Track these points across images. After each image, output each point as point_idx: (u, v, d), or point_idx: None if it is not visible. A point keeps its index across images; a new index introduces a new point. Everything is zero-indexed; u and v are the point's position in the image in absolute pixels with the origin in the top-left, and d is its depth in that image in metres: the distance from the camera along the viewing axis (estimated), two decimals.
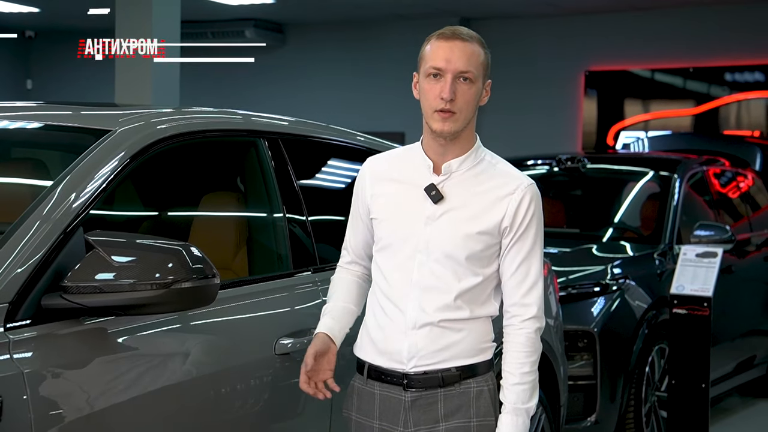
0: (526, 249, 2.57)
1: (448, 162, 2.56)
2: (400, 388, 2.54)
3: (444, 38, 2.52)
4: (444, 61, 2.49)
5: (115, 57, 8.39)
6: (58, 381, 2.33)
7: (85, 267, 2.35)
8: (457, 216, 2.53)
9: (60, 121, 3.06)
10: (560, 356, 4.15)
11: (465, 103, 2.50)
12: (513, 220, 2.54)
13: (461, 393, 2.54)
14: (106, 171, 2.64)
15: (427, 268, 2.52)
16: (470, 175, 2.57)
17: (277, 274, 3.13)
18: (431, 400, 2.54)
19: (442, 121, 2.49)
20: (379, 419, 2.56)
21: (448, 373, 2.53)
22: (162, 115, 3.02)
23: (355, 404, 2.61)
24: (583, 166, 6.50)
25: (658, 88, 11.72)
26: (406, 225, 2.54)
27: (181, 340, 2.68)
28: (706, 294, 5.17)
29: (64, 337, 2.38)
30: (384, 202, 2.59)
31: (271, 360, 2.85)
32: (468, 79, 2.51)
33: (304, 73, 13.30)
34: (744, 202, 7.19)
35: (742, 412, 6.68)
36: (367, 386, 2.59)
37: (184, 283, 2.36)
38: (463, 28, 2.56)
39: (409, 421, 2.54)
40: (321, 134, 3.59)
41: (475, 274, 2.54)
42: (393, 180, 2.60)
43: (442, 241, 2.52)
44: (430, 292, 2.52)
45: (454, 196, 2.54)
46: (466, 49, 2.51)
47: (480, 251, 2.53)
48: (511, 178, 2.58)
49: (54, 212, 2.48)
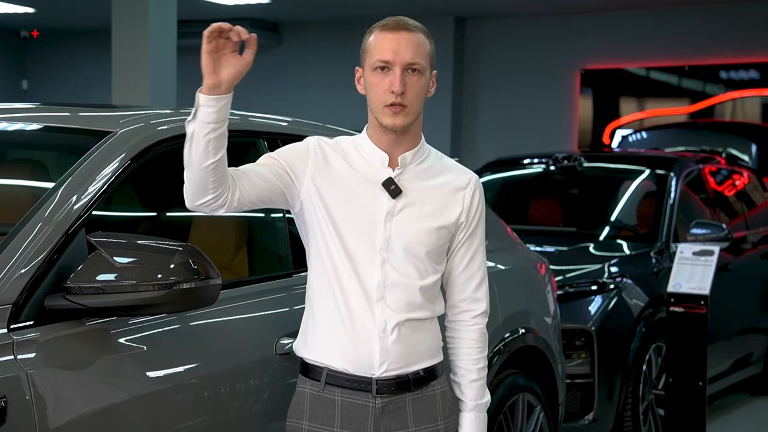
0: (476, 243, 2.56)
1: (403, 155, 2.48)
2: (368, 395, 2.44)
3: (389, 29, 2.45)
4: (391, 53, 2.41)
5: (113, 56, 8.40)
6: (62, 381, 2.34)
7: (87, 268, 2.36)
8: (416, 211, 2.46)
9: (60, 122, 3.07)
10: (558, 355, 4.17)
11: (415, 95, 2.42)
12: (467, 215, 2.52)
13: (428, 396, 2.51)
14: (108, 172, 2.65)
15: (390, 265, 2.44)
16: (422, 168, 2.51)
17: (278, 274, 3.14)
18: (400, 405, 2.47)
19: (394, 115, 2.41)
20: (341, 427, 2.45)
21: (417, 376, 2.49)
22: (163, 116, 3.03)
23: (308, 413, 2.48)
24: (580, 164, 6.51)
25: (654, 86, 11.75)
26: (365, 222, 2.44)
27: (182, 340, 2.69)
28: (703, 292, 5.18)
29: (67, 337, 2.39)
30: (338, 196, 2.45)
31: (271, 360, 2.86)
32: (417, 70, 2.42)
33: (301, 72, 13.30)
34: (740, 199, 7.21)
35: (739, 409, 6.70)
36: (325, 392, 2.47)
37: (186, 283, 2.37)
38: (407, 18, 2.48)
39: (380, 428, 2.46)
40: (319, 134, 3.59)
41: (435, 271, 2.50)
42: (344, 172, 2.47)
43: (403, 236, 2.44)
44: (395, 289, 2.44)
45: (411, 190, 2.47)
46: (413, 40, 2.43)
47: (439, 247, 2.49)
48: (460, 172, 2.55)
49: (56, 214, 2.49)
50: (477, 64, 12.50)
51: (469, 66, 12.54)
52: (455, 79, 12.37)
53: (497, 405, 3.65)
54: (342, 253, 2.44)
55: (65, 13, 13.15)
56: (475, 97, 12.51)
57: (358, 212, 2.45)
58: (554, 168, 6.60)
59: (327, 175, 2.47)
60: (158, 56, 8.20)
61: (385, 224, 2.44)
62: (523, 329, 3.89)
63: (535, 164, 6.83)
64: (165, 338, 2.63)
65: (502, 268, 3.98)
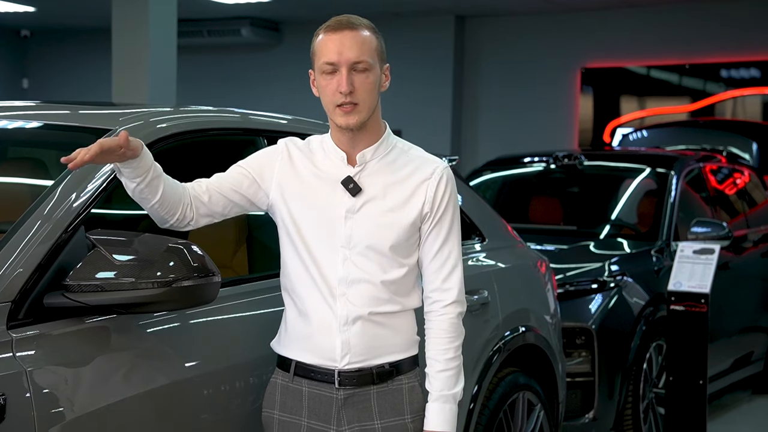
0: (444, 232, 2.54)
1: (362, 152, 2.51)
2: (332, 386, 2.50)
3: (332, 30, 2.46)
4: (336, 54, 2.44)
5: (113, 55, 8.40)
6: (61, 379, 2.34)
7: (86, 266, 2.36)
8: (378, 207, 2.49)
9: (60, 120, 3.07)
10: (558, 353, 4.17)
11: (365, 92, 2.45)
12: (432, 205, 2.52)
13: (394, 390, 2.53)
14: (107, 170, 2.65)
15: (351, 262, 2.48)
16: (384, 163, 2.53)
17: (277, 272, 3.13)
18: (364, 398, 2.51)
19: (345, 115, 2.45)
20: (308, 417, 2.52)
21: (381, 369, 2.51)
22: (162, 114, 3.03)
23: (279, 402, 2.56)
24: (580, 163, 6.51)
25: (654, 84, 11.74)
26: (325, 220, 2.49)
27: (181, 338, 2.69)
28: (703, 290, 5.18)
29: (66, 335, 2.39)
30: (297, 197, 2.52)
31: (270, 358, 2.85)
32: (363, 68, 2.45)
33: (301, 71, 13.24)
34: (740, 198, 7.21)
35: (740, 408, 6.70)
36: (294, 383, 2.54)
37: (185, 281, 2.37)
38: (351, 16, 2.49)
39: (343, 419, 2.51)
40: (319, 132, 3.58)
41: (401, 265, 2.52)
42: (307, 172, 2.54)
43: (364, 233, 2.48)
44: (357, 285, 2.48)
45: (371, 186, 2.50)
46: (357, 38, 2.44)
47: (404, 241, 2.51)
48: (425, 163, 2.55)
49: (55, 211, 2.49)
50: (477, 63, 12.50)
51: (469, 64, 12.54)
52: (455, 78, 12.37)
53: (497, 403, 3.65)
54: (305, 251, 2.51)
55: (66, 12, 13.15)
56: (476, 96, 12.50)
57: (319, 211, 2.50)
58: (555, 166, 6.60)
59: (291, 177, 2.54)
60: (158, 55, 8.19)
61: (346, 222, 2.48)
62: (524, 327, 3.89)
63: (535, 163, 6.83)
64: (164, 336, 2.63)
65: (502, 267, 3.97)
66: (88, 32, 14.10)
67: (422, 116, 12.15)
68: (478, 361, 3.59)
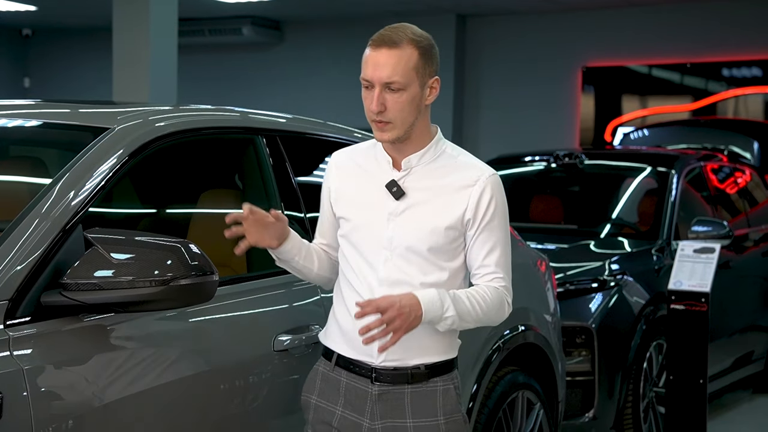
0: (492, 240, 2.56)
1: (408, 157, 2.57)
2: (368, 381, 2.57)
3: (373, 46, 2.49)
4: (371, 71, 2.48)
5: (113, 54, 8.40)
6: (58, 377, 2.34)
7: (84, 264, 2.36)
8: (420, 211, 2.54)
9: (58, 119, 3.06)
10: (558, 352, 4.16)
11: (397, 111, 2.48)
12: (475, 212, 2.54)
13: (428, 391, 2.57)
14: (105, 168, 2.64)
15: (392, 263, 2.54)
16: (431, 168, 2.57)
17: (276, 271, 3.13)
18: (398, 395, 2.56)
19: (380, 131, 2.51)
20: (343, 407, 2.60)
21: (416, 370, 2.56)
22: (160, 112, 3.02)
23: (318, 388, 2.64)
24: (581, 162, 6.51)
25: (656, 83, 11.73)
26: (369, 222, 2.56)
27: (180, 336, 2.69)
28: (703, 289, 5.17)
29: (63, 333, 2.39)
30: (348, 199, 2.62)
31: (269, 356, 2.86)
32: (396, 88, 2.47)
33: (302, 70, 13.30)
34: (742, 197, 7.20)
35: (741, 407, 6.69)
36: (334, 373, 2.62)
37: (182, 279, 2.37)
38: (393, 30, 2.50)
39: (376, 414, 2.56)
40: (319, 131, 3.59)
41: (441, 269, 2.55)
42: (356, 175, 2.62)
43: (405, 236, 2.53)
44: (397, 287, 2.51)
45: (415, 191, 2.55)
46: (392, 57, 2.46)
47: (444, 244, 2.54)
48: (472, 170, 2.58)
49: (53, 210, 2.49)
50: (478, 62, 12.49)
51: (470, 64, 12.53)
52: (457, 77, 12.36)
53: (496, 402, 3.64)
54: (351, 250, 2.60)
55: (67, 11, 13.15)
56: (477, 95, 12.49)
57: (364, 213, 2.58)
58: (555, 165, 6.59)
59: (341, 184, 2.65)
60: (159, 53, 8.20)
61: (388, 224, 2.54)
62: (523, 326, 3.88)
63: (536, 162, 6.83)
64: (162, 334, 2.63)
65: None
66: (90, 31, 14.10)
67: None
68: (478, 359, 3.59)
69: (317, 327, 3.03)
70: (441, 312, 2.47)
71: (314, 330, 3.01)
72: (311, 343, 2.99)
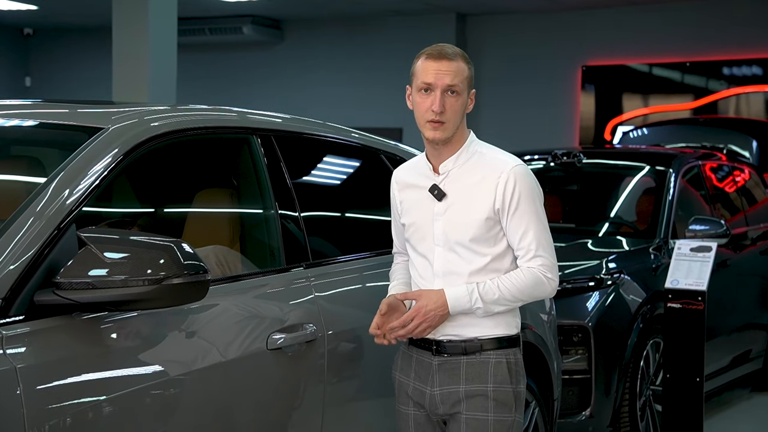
0: (524, 224, 2.87)
1: (444, 162, 2.93)
2: (429, 353, 2.91)
3: (432, 58, 2.88)
4: (434, 77, 2.85)
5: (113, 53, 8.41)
6: (51, 376, 2.35)
7: (77, 263, 2.38)
8: (459, 207, 2.89)
9: (54, 119, 3.08)
10: (554, 351, 4.17)
11: (453, 113, 2.87)
12: (503, 201, 2.86)
13: (481, 362, 2.88)
14: (99, 168, 2.66)
15: (443, 257, 2.90)
16: (465, 169, 2.92)
17: (270, 270, 3.15)
18: (454, 365, 2.89)
19: (434, 130, 2.86)
20: (414, 379, 2.95)
21: (470, 343, 2.89)
22: (155, 112, 3.03)
23: (399, 365, 3.01)
24: (579, 161, 6.52)
25: (656, 82, 11.72)
26: (422, 224, 2.94)
27: (173, 335, 2.70)
28: (700, 288, 5.18)
29: (56, 332, 2.40)
30: (407, 207, 3.00)
31: (263, 355, 2.87)
32: (455, 92, 2.86)
33: (302, 69, 13.31)
34: (740, 196, 7.20)
35: (739, 405, 6.70)
36: (408, 350, 2.98)
37: (175, 279, 2.39)
38: (448, 47, 2.90)
39: (436, 382, 2.90)
40: (314, 131, 3.60)
41: (483, 255, 2.88)
42: (410, 186, 3.00)
43: (449, 232, 2.89)
44: (449, 276, 2.89)
45: (453, 191, 2.91)
46: (452, 67, 2.86)
47: (483, 233, 2.87)
48: (497, 164, 2.91)
49: (47, 209, 2.50)
50: (478, 61, 12.48)
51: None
52: None
53: None
54: (413, 251, 2.99)
55: (67, 11, 13.17)
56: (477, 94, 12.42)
57: (418, 217, 2.96)
58: (553, 164, 6.60)
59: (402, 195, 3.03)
60: (158, 53, 8.20)
61: (435, 223, 2.92)
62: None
63: (534, 161, 6.83)
64: (156, 333, 2.64)
65: None
66: (91, 30, 14.12)
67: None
68: None
69: (311, 326, 3.05)
70: (469, 305, 2.85)
71: (308, 329, 3.03)
72: (305, 342, 3.00)
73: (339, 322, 3.19)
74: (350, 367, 3.27)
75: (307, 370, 3.05)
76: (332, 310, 3.19)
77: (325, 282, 3.25)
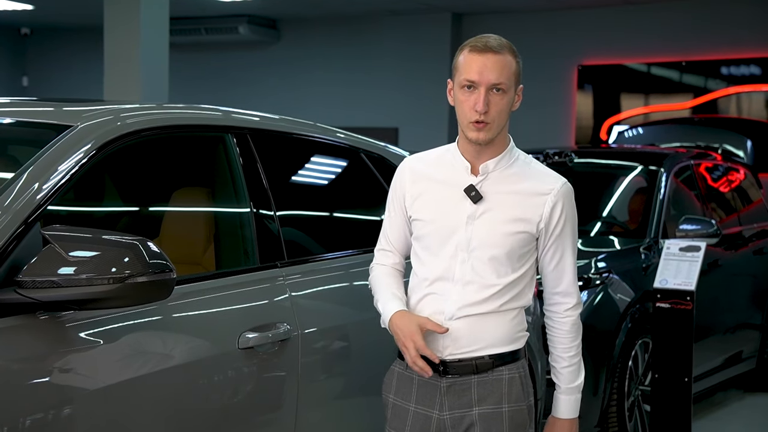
0: (563, 247, 2.72)
1: (485, 163, 2.68)
2: (437, 374, 2.66)
3: (477, 51, 2.63)
4: (477, 74, 2.61)
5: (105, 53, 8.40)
6: (14, 376, 2.32)
7: (40, 262, 2.35)
8: (497, 215, 2.65)
9: (25, 117, 3.05)
10: (538, 351, 4.14)
11: (498, 113, 2.63)
12: (549, 220, 2.68)
13: (494, 380, 2.68)
14: (66, 167, 2.63)
15: (468, 265, 2.65)
16: (506, 174, 2.69)
17: (243, 269, 3.12)
18: (465, 386, 2.67)
19: (477, 131, 2.62)
20: (416, 403, 2.71)
21: (481, 360, 2.67)
22: (129, 110, 3.01)
23: (394, 387, 2.75)
24: (570, 160, 6.49)
25: (654, 82, 11.68)
26: (448, 224, 2.66)
27: (143, 334, 2.67)
28: (689, 288, 5.15)
29: (19, 331, 2.37)
30: (425, 202, 2.71)
31: (234, 354, 2.85)
32: (500, 90, 2.62)
33: (298, 69, 13.28)
34: (735, 196, 7.17)
35: (730, 406, 6.67)
36: (407, 372, 2.72)
37: (139, 277, 2.36)
38: (493, 39, 2.64)
39: (444, 405, 2.67)
40: (292, 129, 3.56)
41: (514, 270, 2.68)
42: (432, 180, 2.72)
43: (483, 239, 2.64)
44: (471, 286, 2.65)
45: (492, 195, 2.66)
46: (498, 62, 2.62)
47: (519, 247, 2.67)
48: (546, 178, 2.71)
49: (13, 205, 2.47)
50: None
51: None
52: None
53: None
54: (427, 253, 2.70)
55: (64, 10, 13.16)
56: None
57: (442, 216, 2.68)
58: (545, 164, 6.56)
59: (417, 188, 2.74)
60: (150, 53, 8.19)
61: (467, 227, 2.65)
62: None
63: None
64: (123, 332, 2.61)
65: None
66: (87, 30, 14.10)
67: (419, 113, 12.12)
68: None
69: (284, 325, 3.02)
70: (577, 403, 2.85)
71: (281, 328, 3.00)
72: (278, 341, 2.98)
73: (314, 321, 3.16)
74: (326, 366, 3.23)
75: (280, 369, 3.01)
76: (308, 308, 3.16)
77: (301, 281, 3.21)
